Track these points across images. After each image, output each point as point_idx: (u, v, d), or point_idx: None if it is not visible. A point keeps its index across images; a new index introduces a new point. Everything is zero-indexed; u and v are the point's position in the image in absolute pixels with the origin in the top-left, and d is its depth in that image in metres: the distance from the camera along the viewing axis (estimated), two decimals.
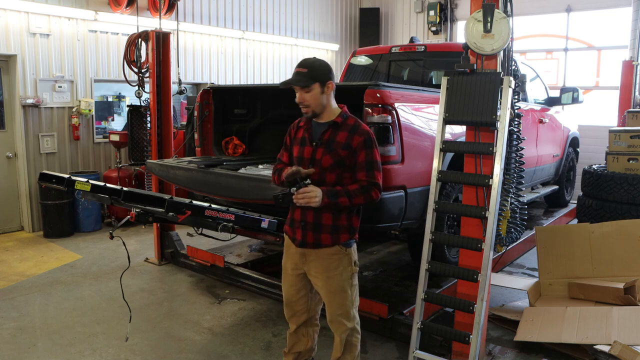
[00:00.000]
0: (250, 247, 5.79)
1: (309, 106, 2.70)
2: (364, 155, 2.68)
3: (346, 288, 2.79)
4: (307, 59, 2.77)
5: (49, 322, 4.18)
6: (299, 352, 3.03)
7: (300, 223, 2.77)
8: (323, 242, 2.74)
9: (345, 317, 2.82)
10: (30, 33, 6.61)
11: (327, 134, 2.73)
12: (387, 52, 5.98)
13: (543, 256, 4.49)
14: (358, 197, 2.65)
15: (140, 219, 3.50)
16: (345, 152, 2.68)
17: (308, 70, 2.67)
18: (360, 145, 2.67)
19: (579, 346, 3.51)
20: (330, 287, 2.79)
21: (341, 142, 2.69)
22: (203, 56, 8.66)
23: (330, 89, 2.71)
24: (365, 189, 2.66)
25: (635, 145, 5.45)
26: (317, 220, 2.72)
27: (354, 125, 2.73)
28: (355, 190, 2.66)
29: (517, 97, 3.41)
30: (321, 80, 2.67)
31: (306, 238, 2.76)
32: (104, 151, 7.52)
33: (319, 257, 2.77)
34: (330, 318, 2.86)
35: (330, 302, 2.83)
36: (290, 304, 2.96)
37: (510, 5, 3.19)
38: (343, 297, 2.80)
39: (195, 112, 4.96)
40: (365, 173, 2.68)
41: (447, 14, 10.48)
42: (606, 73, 9.04)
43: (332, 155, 2.69)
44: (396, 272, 5.09)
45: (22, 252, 6.04)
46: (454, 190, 4.28)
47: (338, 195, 2.64)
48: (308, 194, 2.59)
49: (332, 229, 2.73)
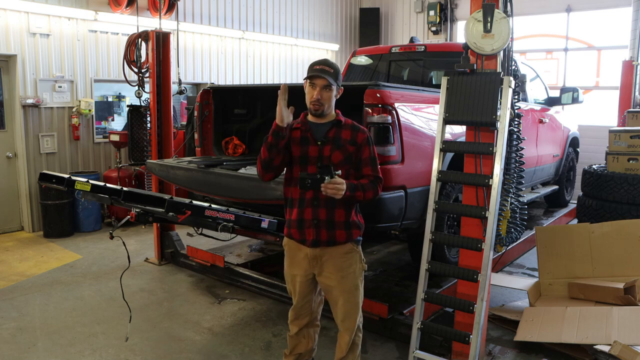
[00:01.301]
0: (250, 247, 5.79)
1: (322, 105, 2.73)
2: (368, 151, 2.79)
3: (359, 285, 2.86)
4: (328, 60, 2.82)
5: (49, 322, 4.18)
6: (300, 353, 3.03)
7: (312, 222, 2.76)
8: (338, 239, 2.77)
9: (356, 316, 2.88)
10: (30, 33, 6.61)
11: (332, 132, 2.79)
12: (387, 52, 5.98)
13: (543, 256, 4.49)
14: (369, 191, 2.75)
15: (140, 219, 3.51)
16: (352, 147, 2.77)
17: (333, 71, 2.73)
18: (365, 142, 2.79)
19: (579, 346, 3.51)
20: (344, 286, 2.81)
21: (347, 139, 2.77)
22: (203, 56, 8.66)
23: (340, 93, 2.82)
24: (373, 183, 2.78)
25: (635, 145, 5.45)
26: (330, 217, 2.75)
27: (354, 125, 2.83)
28: (367, 185, 2.75)
29: (517, 97, 3.41)
30: (338, 84, 2.77)
31: (320, 236, 2.76)
32: (104, 151, 7.52)
33: (333, 257, 2.78)
34: (344, 317, 2.86)
35: (346, 301, 2.84)
36: (297, 308, 2.97)
37: (510, 5, 3.19)
38: (356, 295, 2.86)
39: (195, 112, 4.96)
40: (370, 168, 2.80)
41: (447, 14, 10.48)
42: (606, 73, 9.04)
43: (341, 151, 2.76)
44: (396, 272, 5.09)
45: (22, 252, 6.04)
46: (454, 190, 4.28)
47: (356, 188, 2.71)
48: (338, 185, 2.61)
49: (346, 226, 2.78)
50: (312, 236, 2.77)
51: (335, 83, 2.72)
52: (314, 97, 2.71)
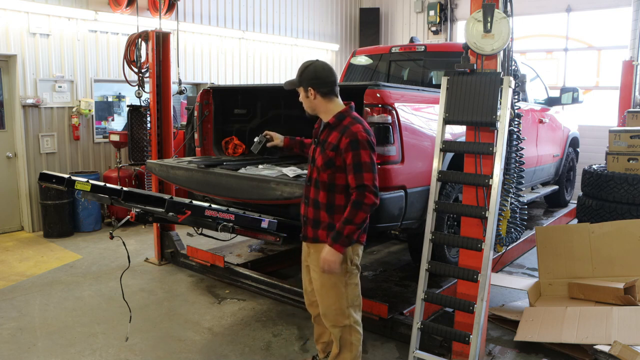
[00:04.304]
0: (250, 247, 5.79)
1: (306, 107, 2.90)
2: (350, 157, 2.70)
3: (338, 285, 2.86)
4: (304, 63, 2.89)
5: (49, 322, 4.18)
6: (325, 342, 3.22)
7: (303, 218, 2.94)
8: (320, 238, 2.85)
9: (338, 313, 2.89)
10: (30, 33, 6.61)
11: (324, 134, 2.85)
12: (387, 52, 5.98)
13: (543, 256, 4.49)
14: (356, 215, 2.68)
15: (140, 219, 3.50)
16: (333, 153, 2.76)
17: (297, 75, 2.87)
18: (346, 147, 2.71)
19: (579, 346, 3.51)
20: (322, 281, 2.88)
21: (332, 143, 2.77)
22: (203, 56, 8.66)
23: (313, 95, 2.81)
24: (356, 203, 2.68)
25: (635, 145, 5.45)
26: (315, 217, 2.86)
27: (345, 127, 2.76)
28: (350, 212, 2.69)
29: (517, 97, 3.41)
30: (303, 86, 2.83)
31: (307, 232, 2.93)
32: (104, 151, 7.52)
33: (317, 251, 2.87)
34: (322, 312, 2.96)
35: (322, 297, 2.92)
36: (306, 293, 3.17)
37: (510, 5, 3.19)
38: (335, 293, 2.87)
39: (195, 112, 4.96)
40: (353, 175, 2.70)
41: (447, 14, 10.48)
42: (606, 73, 9.04)
43: (323, 155, 2.80)
44: (396, 272, 5.09)
45: (22, 252, 6.04)
46: (454, 190, 4.28)
47: (340, 230, 2.70)
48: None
49: (329, 227, 2.81)
50: (303, 231, 2.95)
51: (297, 85, 2.85)
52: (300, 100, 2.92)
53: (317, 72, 2.81)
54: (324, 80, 2.80)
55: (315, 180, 2.85)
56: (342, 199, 2.79)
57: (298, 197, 3.27)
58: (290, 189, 3.42)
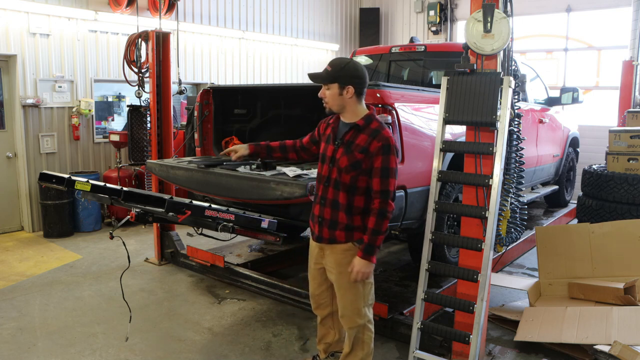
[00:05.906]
0: (250, 247, 5.79)
1: (328, 102, 2.80)
2: (381, 161, 2.69)
3: (357, 285, 2.86)
4: (340, 59, 2.83)
5: (49, 322, 4.18)
6: (328, 343, 3.21)
7: (317, 218, 2.88)
8: (337, 239, 2.83)
9: (355, 313, 2.90)
10: (30, 33, 6.60)
11: (349, 135, 2.78)
12: (387, 52, 5.98)
13: (543, 256, 4.49)
14: (382, 224, 2.71)
15: (140, 219, 3.50)
16: (361, 155, 2.72)
17: (332, 70, 2.74)
18: (378, 151, 2.69)
19: (579, 346, 3.51)
20: (341, 282, 2.87)
21: (360, 145, 2.73)
22: (203, 56, 8.66)
23: (350, 93, 2.73)
24: (381, 213, 2.71)
25: (635, 145, 5.45)
26: (333, 217, 2.81)
27: (375, 130, 2.74)
28: (377, 222, 2.71)
29: (517, 97, 3.41)
30: (340, 82, 2.72)
31: (322, 233, 2.88)
32: (104, 151, 7.52)
33: (333, 252, 2.86)
34: (341, 313, 2.95)
35: (341, 297, 2.92)
36: (314, 296, 3.13)
37: (510, 5, 3.19)
38: (353, 293, 2.88)
39: (195, 112, 4.96)
40: (379, 180, 2.70)
41: (447, 14, 10.48)
42: (606, 73, 9.04)
43: (349, 157, 2.74)
44: (396, 272, 5.09)
45: (22, 252, 6.04)
46: (454, 190, 4.28)
47: (372, 243, 2.71)
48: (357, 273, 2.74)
49: (347, 227, 2.80)
50: (317, 232, 2.90)
51: (332, 81, 2.72)
52: (319, 95, 2.80)
53: (359, 71, 2.76)
54: (364, 80, 2.78)
55: (335, 181, 2.79)
56: (362, 200, 2.77)
57: (298, 197, 3.27)
58: (290, 189, 3.42)
